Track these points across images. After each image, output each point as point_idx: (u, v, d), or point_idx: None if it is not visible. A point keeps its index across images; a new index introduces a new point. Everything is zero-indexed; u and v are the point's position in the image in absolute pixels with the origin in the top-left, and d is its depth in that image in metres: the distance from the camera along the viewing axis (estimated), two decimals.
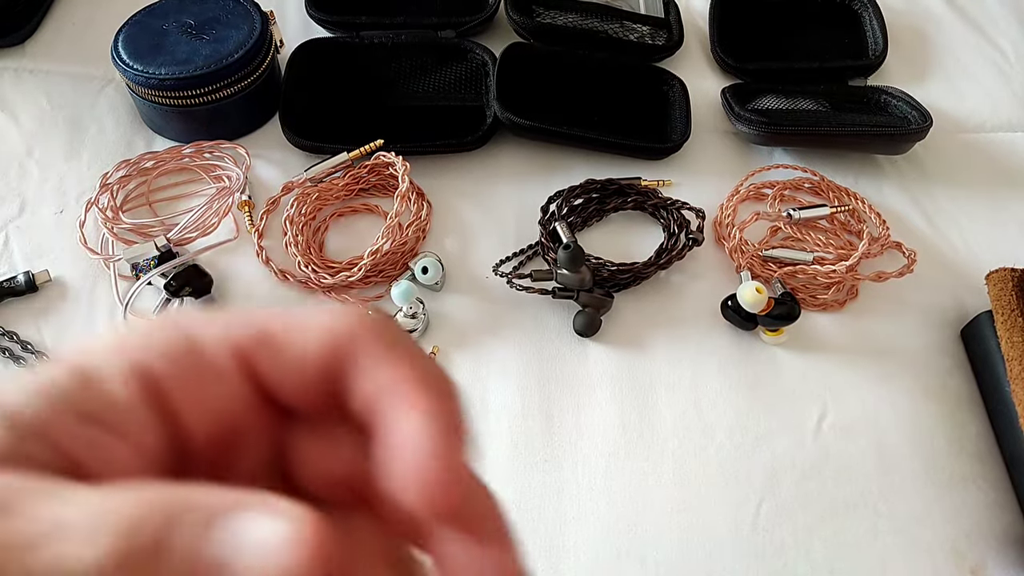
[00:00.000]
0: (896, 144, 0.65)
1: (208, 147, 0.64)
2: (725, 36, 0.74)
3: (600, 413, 0.52)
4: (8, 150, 0.66)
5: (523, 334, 0.56)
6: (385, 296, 0.57)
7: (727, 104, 0.67)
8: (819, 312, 0.58)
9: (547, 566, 0.47)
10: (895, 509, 0.49)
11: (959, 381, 0.55)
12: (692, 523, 0.48)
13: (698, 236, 0.59)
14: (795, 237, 0.61)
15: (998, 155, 0.69)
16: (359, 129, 0.64)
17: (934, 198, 0.65)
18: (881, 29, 0.74)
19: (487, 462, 0.50)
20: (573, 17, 0.73)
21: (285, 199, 0.62)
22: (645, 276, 0.58)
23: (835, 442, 0.52)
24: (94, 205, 0.60)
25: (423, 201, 0.62)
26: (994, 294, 0.53)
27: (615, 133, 0.65)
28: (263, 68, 0.65)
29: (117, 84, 0.70)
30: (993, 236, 0.63)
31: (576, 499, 0.49)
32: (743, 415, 0.53)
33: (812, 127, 0.65)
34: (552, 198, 0.61)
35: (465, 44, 0.71)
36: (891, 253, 0.60)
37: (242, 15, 0.65)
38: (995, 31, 0.79)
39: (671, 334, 0.56)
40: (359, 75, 0.69)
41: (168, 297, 0.55)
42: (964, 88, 0.74)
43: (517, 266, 0.60)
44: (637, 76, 0.71)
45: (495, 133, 0.65)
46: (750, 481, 0.50)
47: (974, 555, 0.48)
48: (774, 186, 0.64)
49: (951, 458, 0.51)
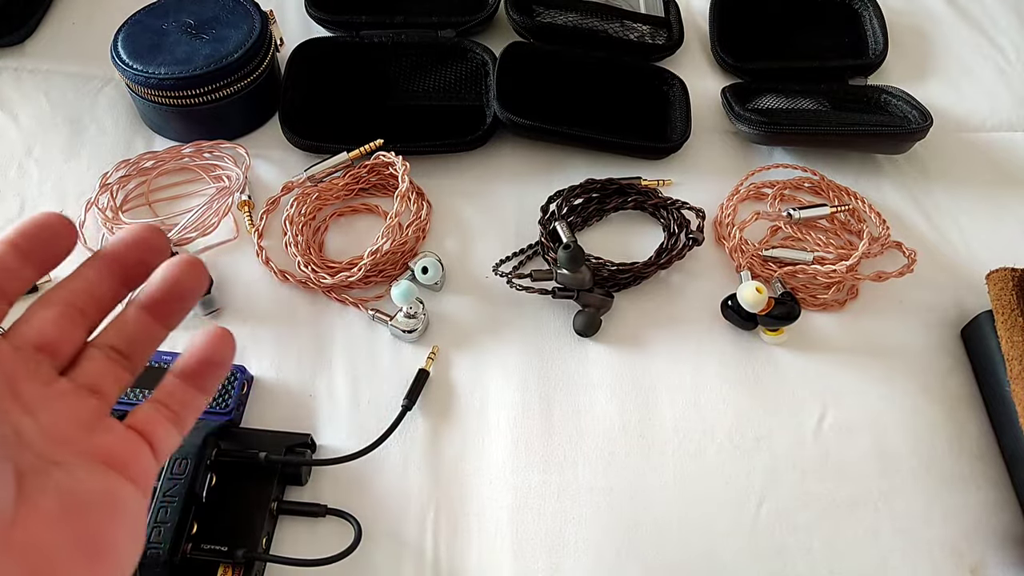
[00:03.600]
0: (896, 143, 0.65)
1: (208, 147, 0.64)
2: (725, 36, 0.74)
3: (600, 413, 0.53)
4: (8, 150, 0.66)
5: (523, 334, 0.56)
6: (385, 296, 0.57)
7: (727, 104, 0.67)
8: (819, 312, 0.58)
9: (547, 566, 0.47)
10: (895, 509, 0.49)
11: (959, 381, 0.55)
12: (692, 523, 0.48)
13: (698, 236, 0.59)
14: (795, 237, 0.61)
15: (998, 155, 0.69)
16: (359, 129, 0.64)
17: (934, 198, 0.65)
18: (881, 28, 0.74)
19: (487, 462, 0.50)
20: (573, 16, 0.73)
21: (285, 199, 0.62)
22: (645, 276, 0.58)
23: (835, 442, 0.52)
24: (94, 205, 0.60)
25: (423, 201, 0.62)
26: (994, 294, 0.53)
27: (615, 133, 0.65)
28: (263, 68, 0.65)
29: (117, 84, 0.70)
30: (993, 236, 0.63)
31: (576, 499, 0.49)
32: (743, 415, 0.53)
33: (812, 127, 0.65)
34: (552, 198, 0.61)
35: (465, 44, 0.71)
36: (891, 253, 0.60)
37: (242, 15, 0.65)
38: (995, 31, 0.79)
39: (671, 334, 0.56)
40: (359, 75, 0.69)
41: None
42: (964, 87, 0.74)
43: (517, 266, 0.60)
44: (637, 75, 0.71)
45: (495, 133, 0.65)
46: (750, 481, 0.50)
47: (974, 554, 0.48)
48: (774, 186, 0.64)
49: (951, 458, 0.51)
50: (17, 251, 0.22)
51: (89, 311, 0.24)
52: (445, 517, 0.48)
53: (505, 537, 0.48)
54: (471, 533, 0.48)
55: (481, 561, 0.47)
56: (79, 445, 0.22)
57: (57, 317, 0.23)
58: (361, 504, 0.48)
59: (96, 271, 0.24)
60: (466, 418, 0.52)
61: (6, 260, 0.22)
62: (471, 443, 0.51)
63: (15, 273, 0.22)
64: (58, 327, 0.23)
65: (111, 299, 0.24)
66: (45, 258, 0.22)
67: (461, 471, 0.50)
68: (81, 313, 0.24)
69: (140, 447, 0.24)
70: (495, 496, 0.49)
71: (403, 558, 0.47)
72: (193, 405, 0.26)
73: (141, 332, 0.25)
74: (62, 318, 0.23)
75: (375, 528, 0.47)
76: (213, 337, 0.25)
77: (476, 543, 0.48)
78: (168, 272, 0.24)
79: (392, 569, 0.46)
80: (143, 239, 0.24)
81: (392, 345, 0.55)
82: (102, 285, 0.24)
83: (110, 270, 0.24)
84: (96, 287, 0.24)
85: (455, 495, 0.49)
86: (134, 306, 0.25)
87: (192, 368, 0.25)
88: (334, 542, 0.46)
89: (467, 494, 0.49)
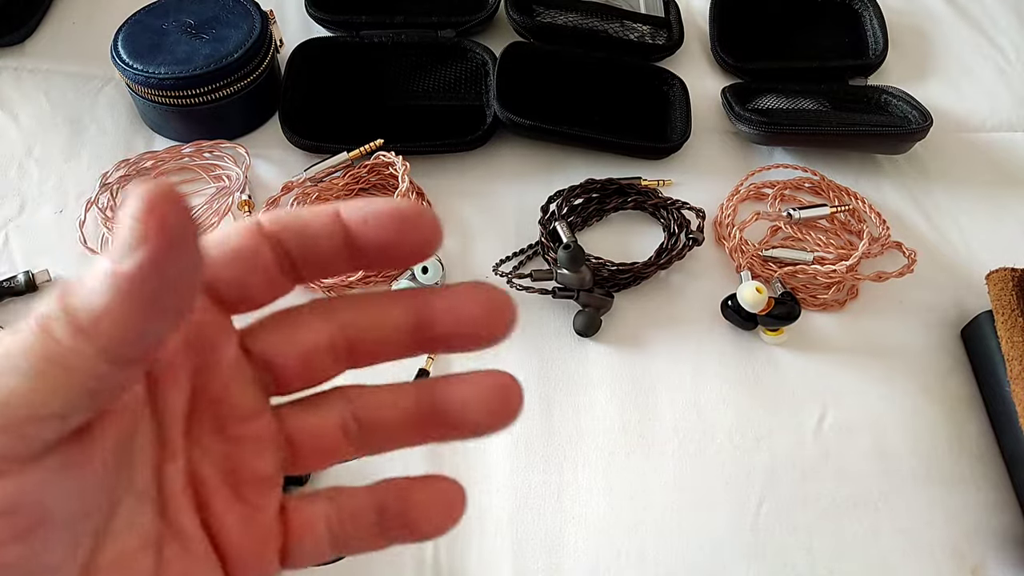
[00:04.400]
0: (896, 144, 0.65)
1: (208, 147, 0.64)
2: (725, 36, 0.74)
3: (600, 413, 0.52)
4: (8, 150, 0.66)
5: (523, 334, 0.56)
6: None
7: (727, 104, 0.67)
8: (819, 312, 0.58)
9: (547, 566, 0.47)
10: (895, 509, 0.49)
11: (959, 381, 0.55)
12: (692, 523, 0.48)
13: (698, 236, 0.59)
14: (795, 237, 0.61)
15: (998, 155, 0.69)
16: (359, 129, 0.64)
17: (934, 198, 0.65)
18: (881, 28, 0.74)
19: (487, 462, 0.50)
20: (573, 16, 0.73)
21: (285, 199, 0.62)
22: (645, 276, 0.58)
23: (835, 442, 0.52)
24: (94, 205, 0.60)
25: (423, 201, 0.62)
26: (994, 294, 0.53)
27: (615, 133, 0.65)
28: (263, 68, 0.65)
29: (117, 83, 0.70)
30: (993, 236, 0.63)
31: (576, 499, 0.49)
32: (743, 415, 0.53)
33: (812, 127, 0.65)
34: (552, 198, 0.61)
35: (465, 43, 0.71)
36: (891, 253, 0.60)
37: (242, 14, 0.65)
38: (995, 31, 0.79)
39: (671, 334, 0.56)
40: (359, 75, 0.69)
41: None
42: (964, 87, 0.74)
43: (517, 266, 0.60)
44: (637, 75, 0.71)
45: (495, 133, 0.65)
46: (750, 481, 0.50)
47: (974, 555, 0.48)
48: (774, 186, 0.64)
49: (951, 458, 0.51)
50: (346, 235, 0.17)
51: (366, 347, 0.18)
52: None
53: (505, 537, 0.48)
54: (471, 533, 0.48)
55: (481, 561, 0.47)
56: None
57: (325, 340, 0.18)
58: None
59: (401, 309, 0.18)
60: None
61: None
62: (471, 443, 0.51)
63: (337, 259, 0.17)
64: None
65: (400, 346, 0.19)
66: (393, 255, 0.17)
67: (461, 471, 0.50)
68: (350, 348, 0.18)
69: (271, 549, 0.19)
70: (495, 496, 0.49)
71: (403, 558, 0.47)
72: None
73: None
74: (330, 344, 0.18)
75: None
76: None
77: (476, 543, 0.48)
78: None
79: (392, 569, 0.46)
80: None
81: None
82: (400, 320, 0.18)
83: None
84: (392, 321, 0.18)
85: None
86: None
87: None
88: None
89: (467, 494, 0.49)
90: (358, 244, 0.17)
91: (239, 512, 0.18)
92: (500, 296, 0.18)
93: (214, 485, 0.18)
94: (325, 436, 0.19)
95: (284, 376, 0.18)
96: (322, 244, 0.17)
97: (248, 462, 0.18)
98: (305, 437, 0.19)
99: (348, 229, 0.17)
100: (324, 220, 0.17)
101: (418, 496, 0.20)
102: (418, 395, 0.19)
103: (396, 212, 0.16)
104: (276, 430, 0.19)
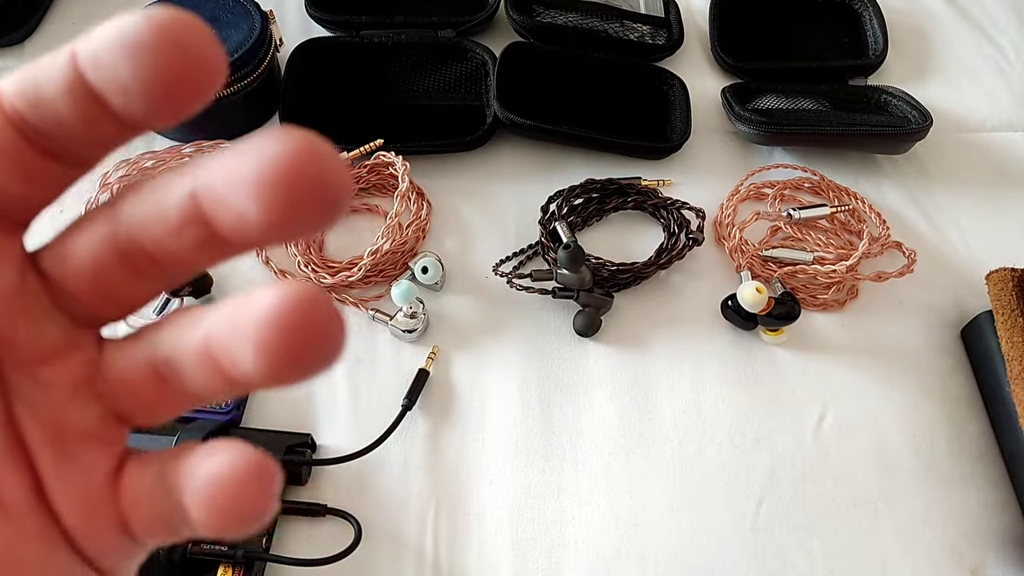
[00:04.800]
0: (896, 144, 0.65)
1: (208, 147, 0.64)
2: (725, 36, 0.74)
3: (600, 413, 0.53)
4: None
5: (523, 334, 0.56)
6: (385, 296, 0.57)
7: (727, 104, 0.67)
8: (819, 312, 0.58)
9: (547, 566, 0.47)
10: (895, 509, 0.49)
11: (959, 381, 0.55)
12: (692, 523, 0.48)
13: (698, 236, 0.59)
14: (795, 237, 0.61)
15: (998, 155, 0.69)
16: (359, 129, 0.64)
17: (934, 198, 0.65)
18: (881, 28, 0.74)
19: (487, 462, 0.50)
20: (573, 16, 0.73)
21: None
22: (645, 276, 0.58)
23: (835, 442, 0.52)
24: (94, 205, 0.60)
25: (423, 201, 0.62)
26: (994, 294, 0.53)
27: (615, 133, 0.65)
28: (263, 68, 0.65)
29: None
30: (993, 236, 0.63)
31: (576, 499, 0.49)
32: (743, 415, 0.53)
33: (812, 127, 0.65)
34: (552, 198, 0.61)
35: (465, 43, 0.71)
36: (891, 253, 0.60)
37: (242, 14, 0.65)
38: (995, 30, 0.79)
39: (671, 334, 0.56)
40: (359, 75, 0.69)
41: (168, 297, 0.55)
42: (964, 87, 0.74)
43: (517, 266, 0.60)
44: (637, 76, 0.71)
45: (495, 133, 0.65)
46: (750, 481, 0.50)
47: (974, 555, 0.48)
48: (774, 186, 0.64)
49: (951, 458, 0.51)
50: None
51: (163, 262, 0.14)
52: (445, 517, 0.48)
53: (505, 537, 0.48)
54: (471, 533, 0.48)
55: (481, 561, 0.47)
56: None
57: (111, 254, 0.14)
58: (361, 504, 0.48)
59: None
60: (466, 418, 0.52)
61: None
62: (471, 443, 0.51)
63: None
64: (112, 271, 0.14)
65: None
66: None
67: (461, 471, 0.50)
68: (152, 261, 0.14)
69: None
70: (495, 496, 0.49)
71: (403, 558, 0.47)
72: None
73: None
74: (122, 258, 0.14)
75: (375, 528, 0.47)
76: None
77: (476, 543, 0.48)
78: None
79: (392, 569, 0.46)
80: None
81: (392, 345, 0.55)
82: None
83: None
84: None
85: (455, 495, 0.49)
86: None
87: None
88: (334, 542, 0.46)
89: (467, 494, 0.49)
90: (101, 93, 0.12)
91: (66, 476, 0.14)
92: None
93: (37, 443, 0.14)
94: (139, 379, 0.15)
95: (84, 299, 0.14)
96: (63, 104, 0.12)
97: (68, 414, 0.14)
98: (118, 380, 0.15)
99: (84, 76, 0.12)
100: (57, 69, 0.12)
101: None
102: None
103: (125, 29, 0.11)
104: (93, 373, 0.15)
